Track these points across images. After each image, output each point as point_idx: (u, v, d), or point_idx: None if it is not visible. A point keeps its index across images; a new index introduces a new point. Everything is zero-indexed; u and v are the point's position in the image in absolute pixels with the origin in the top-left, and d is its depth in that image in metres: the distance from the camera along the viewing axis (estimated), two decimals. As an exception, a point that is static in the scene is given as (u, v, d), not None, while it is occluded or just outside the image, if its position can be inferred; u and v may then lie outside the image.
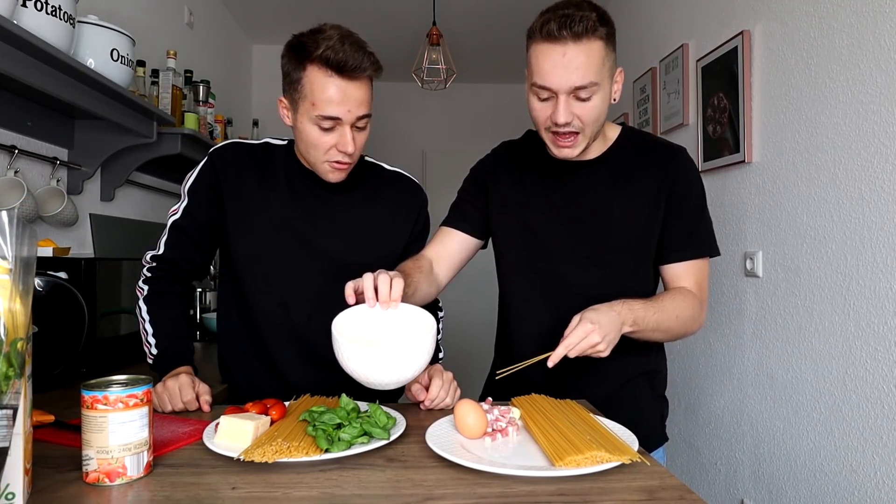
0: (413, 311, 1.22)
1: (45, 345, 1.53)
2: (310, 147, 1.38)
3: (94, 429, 0.91)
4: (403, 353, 1.12)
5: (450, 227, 1.53)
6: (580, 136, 1.31)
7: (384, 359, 1.11)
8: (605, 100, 1.31)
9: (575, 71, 1.24)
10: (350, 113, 1.32)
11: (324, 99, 1.30)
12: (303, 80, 1.32)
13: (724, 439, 2.60)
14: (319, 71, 1.30)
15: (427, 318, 1.21)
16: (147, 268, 1.50)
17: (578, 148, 1.33)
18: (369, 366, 1.11)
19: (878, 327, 1.78)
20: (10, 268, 0.78)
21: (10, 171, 2.05)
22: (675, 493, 0.87)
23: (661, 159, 1.42)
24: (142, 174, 2.98)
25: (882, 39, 1.76)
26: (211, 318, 2.45)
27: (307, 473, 0.95)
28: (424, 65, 3.59)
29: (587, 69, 1.24)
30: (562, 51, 1.24)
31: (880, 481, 1.77)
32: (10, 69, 1.71)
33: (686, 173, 1.41)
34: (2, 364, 0.75)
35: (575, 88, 1.25)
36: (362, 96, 1.34)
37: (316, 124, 1.33)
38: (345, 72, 1.29)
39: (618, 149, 1.45)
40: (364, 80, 1.34)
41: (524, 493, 0.88)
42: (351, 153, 1.37)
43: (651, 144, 1.46)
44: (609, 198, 1.41)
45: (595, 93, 1.27)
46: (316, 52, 1.29)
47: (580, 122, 1.29)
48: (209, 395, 1.33)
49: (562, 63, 1.24)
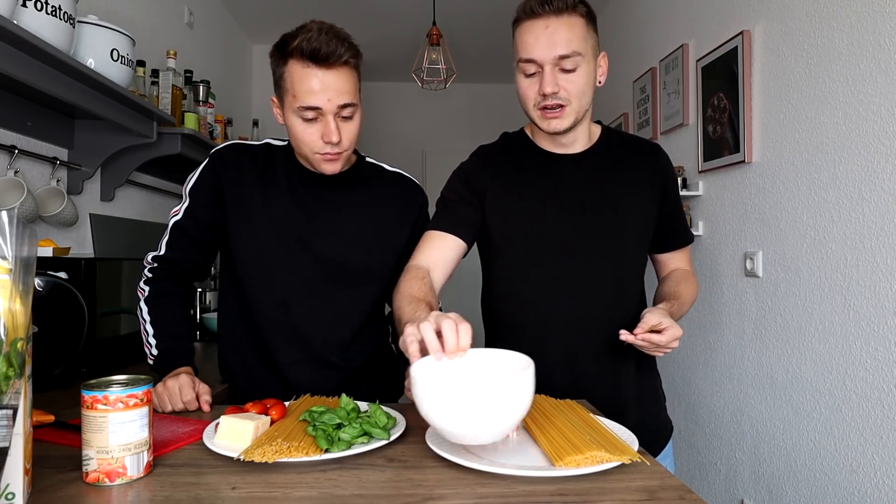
0: (496, 351, 1.08)
1: (45, 345, 1.53)
2: (298, 141, 1.40)
3: (94, 429, 0.91)
4: (502, 399, 0.93)
5: (443, 232, 1.45)
6: (567, 109, 1.34)
7: (484, 409, 0.92)
8: (590, 75, 1.35)
9: (558, 41, 1.30)
10: (330, 102, 1.33)
11: (303, 90, 1.32)
12: (285, 74, 1.35)
13: (724, 439, 2.60)
14: (297, 63, 1.32)
15: (519, 357, 1.06)
16: (148, 269, 1.50)
17: (566, 120, 1.36)
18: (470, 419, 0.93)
19: (878, 327, 1.79)
20: (10, 268, 0.78)
21: (10, 171, 2.06)
22: (675, 493, 0.87)
23: (650, 154, 1.50)
24: (142, 174, 2.98)
25: (882, 39, 1.76)
26: (211, 318, 2.45)
27: (307, 473, 0.95)
28: (424, 65, 3.60)
29: (569, 40, 1.30)
30: (544, 24, 1.30)
31: (880, 481, 1.78)
32: (11, 69, 1.71)
33: (671, 168, 1.52)
34: (2, 364, 0.75)
35: (559, 58, 1.30)
36: (342, 85, 1.34)
37: (299, 116, 1.35)
38: (320, 60, 1.31)
39: (604, 142, 1.49)
40: (342, 68, 1.34)
41: (524, 492, 0.87)
42: (336, 142, 1.37)
43: (633, 140, 1.54)
44: (606, 187, 1.44)
45: (579, 65, 1.31)
46: (293, 45, 1.32)
47: (566, 93, 1.33)
48: (209, 395, 1.33)
49: (545, 35, 1.30)
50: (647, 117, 3.37)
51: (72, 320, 1.70)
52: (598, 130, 1.50)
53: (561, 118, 1.35)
